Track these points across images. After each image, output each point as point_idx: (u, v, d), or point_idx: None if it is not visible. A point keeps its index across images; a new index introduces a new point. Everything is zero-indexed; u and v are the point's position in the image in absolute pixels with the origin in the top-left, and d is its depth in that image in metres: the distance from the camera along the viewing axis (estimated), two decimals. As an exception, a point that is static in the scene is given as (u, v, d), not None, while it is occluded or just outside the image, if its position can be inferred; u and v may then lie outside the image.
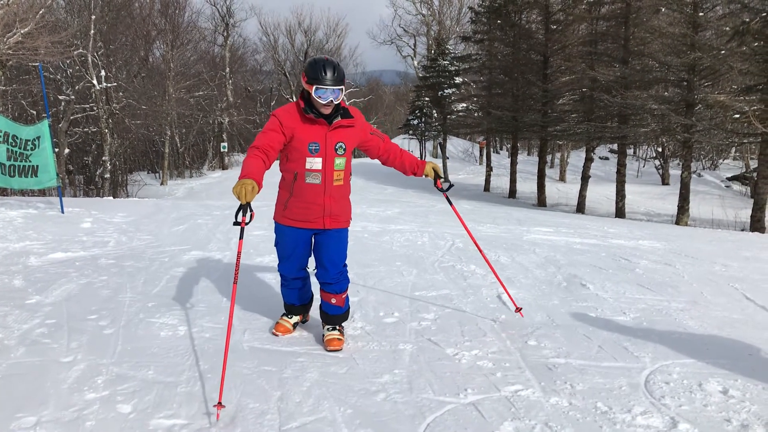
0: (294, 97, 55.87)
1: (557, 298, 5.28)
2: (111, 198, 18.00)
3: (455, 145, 55.14)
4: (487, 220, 12.72)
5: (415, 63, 56.11)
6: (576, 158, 44.43)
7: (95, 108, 26.67)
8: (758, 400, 3.14)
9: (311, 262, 4.11)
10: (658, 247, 8.47)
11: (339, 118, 3.71)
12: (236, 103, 44.35)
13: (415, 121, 39.68)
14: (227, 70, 43.39)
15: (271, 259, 6.91)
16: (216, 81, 40.69)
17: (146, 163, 38.15)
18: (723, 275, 6.42)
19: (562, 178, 41.84)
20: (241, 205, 3.38)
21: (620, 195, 23.12)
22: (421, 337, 4.13)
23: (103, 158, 26.55)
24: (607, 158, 44.10)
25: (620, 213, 22.81)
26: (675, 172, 32.06)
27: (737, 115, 17.47)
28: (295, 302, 4.26)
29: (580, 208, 24.86)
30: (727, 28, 18.08)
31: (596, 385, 3.34)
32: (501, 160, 45.91)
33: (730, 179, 40.10)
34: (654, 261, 7.14)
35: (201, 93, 37.59)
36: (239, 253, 3.58)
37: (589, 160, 25.43)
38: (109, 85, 27.19)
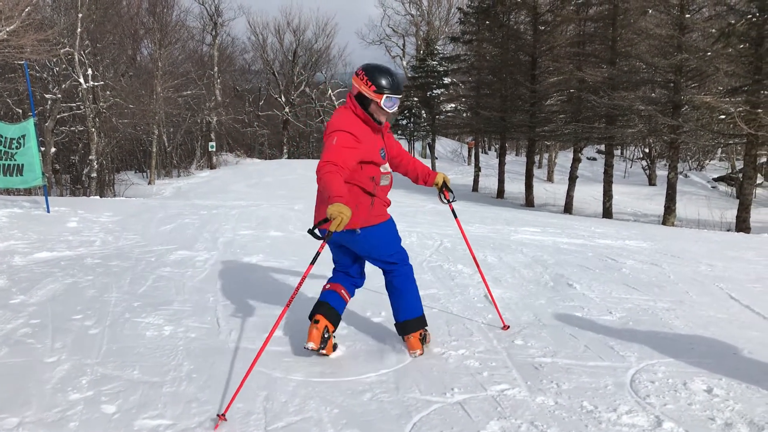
0: (282, 97, 55.81)
1: (544, 297, 5.30)
2: (98, 197, 17.89)
3: (444, 145, 55.24)
4: (475, 220, 12.74)
5: (404, 63, 56.15)
6: (564, 159, 44.66)
7: (82, 107, 26.48)
8: (742, 399, 3.16)
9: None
10: (644, 247, 8.52)
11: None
12: (225, 102, 44.19)
13: (404, 121, 39.71)
14: (215, 69, 43.23)
15: (260, 258, 6.89)
16: (204, 80, 40.55)
17: (134, 163, 37.93)
18: (708, 275, 6.46)
19: (549, 179, 42.04)
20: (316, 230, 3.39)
21: (607, 195, 23.25)
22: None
23: (90, 157, 26.37)
24: (594, 159, 44.34)
25: (607, 213, 22.94)
26: (662, 172, 32.27)
27: (723, 117, 17.63)
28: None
29: (568, 208, 24.98)
30: (714, 30, 18.23)
31: (582, 384, 3.35)
32: (489, 160, 46.06)
33: (716, 180, 40.40)
34: (640, 261, 7.18)
35: (189, 92, 37.43)
36: (305, 276, 3.36)
37: (576, 160, 25.57)
38: (96, 83, 27.01)
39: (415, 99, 37.73)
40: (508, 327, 4.34)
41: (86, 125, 26.58)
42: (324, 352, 3.71)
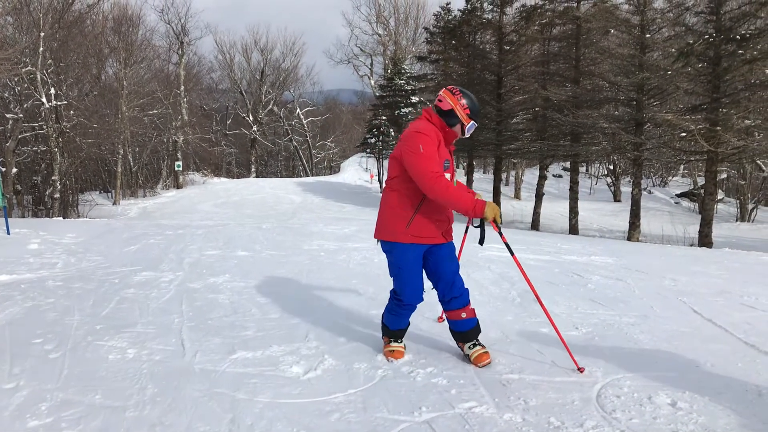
0: (250, 116, 55.64)
1: (511, 314, 5.32)
2: (61, 218, 17.54)
3: (413, 163, 55.44)
4: (443, 237, 12.78)
5: (372, 82, 56.54)
6: (530, 176, 45.18)
7: (44, 126, 26.02)
8: (705, 412, 3.20)
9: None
10: (610, 263, 8.64)
11: None
12: (191, 121, 43.83)
13: (373, 140, 39.83)
14: (182, 88, 42.91)
15: (226, 278, 6.82)
16: (170, 99, 40.16)
17: (98, 183, 37.31)
18: (672, 289, 6.57)
19: (517, 196, 42.50)
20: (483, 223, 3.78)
21: (573, 212, 23.56)
22: (377, 356, 4.10)
23: (53, 178, 25.86)
24: (560, 176, 45.00)
25: (574, 229, 23.23)
26: (626, 189, 32.87)
27: (684, 134, 18.03)
28: (406, 325, 4.13)
29: (535, 225, 25.24)
30: (673, 50, 18.72)
31: (549, 400, 3.36)
32: (457, 178, 46.30)
33: (679, 196, 41.26)
34: (606, 276, 7.28)
35: (155, 111, 37.03)
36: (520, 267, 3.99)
37: (542, 177, 25.89)
38: (59, 103, 26.58)
39: (383, 117, 37.92)
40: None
41: (49, 145, 26.11)
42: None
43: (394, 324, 4.07)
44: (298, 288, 6.36)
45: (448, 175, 3.82)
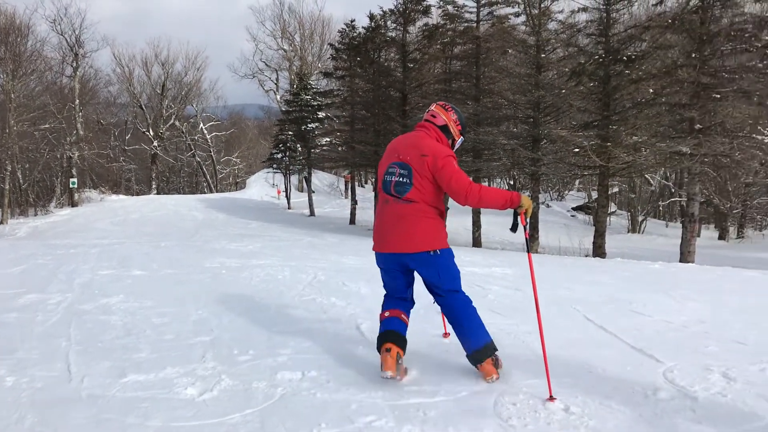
0: (151, 130, 53.97)
1: (414, 324, 5.33)
2: (-62, 239, 16.27)
3: (321, 179, 55.40)
4: (351, 252, 12.79)
5: (278, 97, 56.05)
6: (436, 191, 45.89)
7: None
8: (596, 415, 3.31)
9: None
10: (509, 273, 8.89)
11: None
12: (87, 136, 41.93)
13: (279, 155, 39.41)
14: (77, 101, 41.02)
15: (119, 299, 6.50)
16: (64, 113, 38.28)
17: (-17, 201, 34.97)
18: (567, 298, 6.81)
19: (423, 211, 43.04)
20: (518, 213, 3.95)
21: (476, 225, 24.15)
22: (277, 374, 4.00)
23: (-69, 196, 24.04)
24: (464, 191, 46.06)
25: (477, 242, 23.81)
26: (526, 203, 34.08)
27: (577, 150, 18.88)
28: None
29: (441, 238, 25.64)
30: (567, 69, 19.63)
31: (448, 410, 3.39)
32: (366, 193, 46.62)
33: (574, 209, 43.20)
34: (505, 286, 7.47)
35: (47, 126, 35.19)
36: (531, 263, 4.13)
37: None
38: (-62, 115, 24.79)
39: (290, 133, 37.63)
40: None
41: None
42: (399, 378, 3.80)
43: (486, 333, 4.00)
44: (197, 307, 6.14)
45: None
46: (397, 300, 4.14)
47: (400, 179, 3.85)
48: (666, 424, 3.21)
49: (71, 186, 38.61)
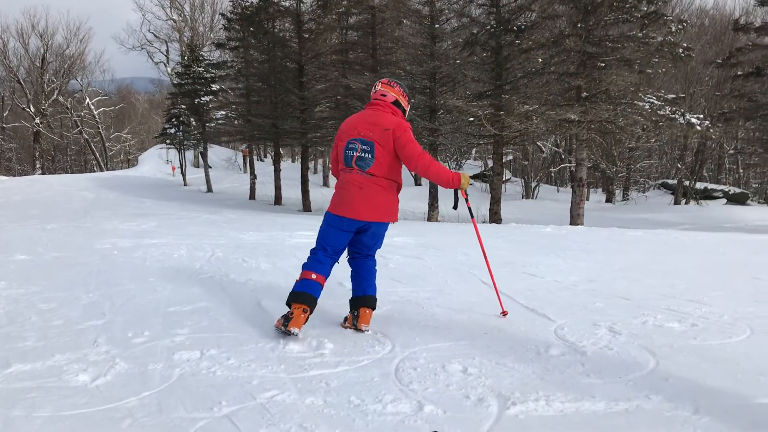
0: (32, 107, 50.65)
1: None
2: None
3: (217, 153, 53.97)
4: (251, 228, 12.59)
5: (169, 70, 53.80)
6: (337, 163, 45.82)
7: None
8: (492, 375, 3.44)
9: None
10: (410, 242, 9.04)
11: None
12: (-42, 113, 38.76)
13: (173, 130, 38.02)
14: (-57, 76, 37.78)
15: (0, 287, 6.09)
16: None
17: None
18: (464, 263, 7.01)
19: (325, 184, 43.09)
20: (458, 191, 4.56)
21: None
22: (174, 355, 3.89)
23: None
24: (365, 162, 46.27)
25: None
26: (426, 172, 34.65)
27: (472, 119, 19.33)
28: None
29: (343, 210, 25.65)
30: (460, 40, 19.96)
31: (350, 379, 3.41)
32: (266, 167, 45.88)
33: (472, 177, 44.30)
34: (405, 255, 7.59)
35: None
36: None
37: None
38: None
39: (183, 106, 36.32)
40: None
41: None
42: (297, 331, 4.09)
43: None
44: (87, 290, 5.86)
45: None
46: (331, 257, 4.41)
47: (362, 154, 4.26)
48: (557, 378, 3.38)
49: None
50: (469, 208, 4.90)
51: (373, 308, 4.42)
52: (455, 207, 4.70)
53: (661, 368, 3.50)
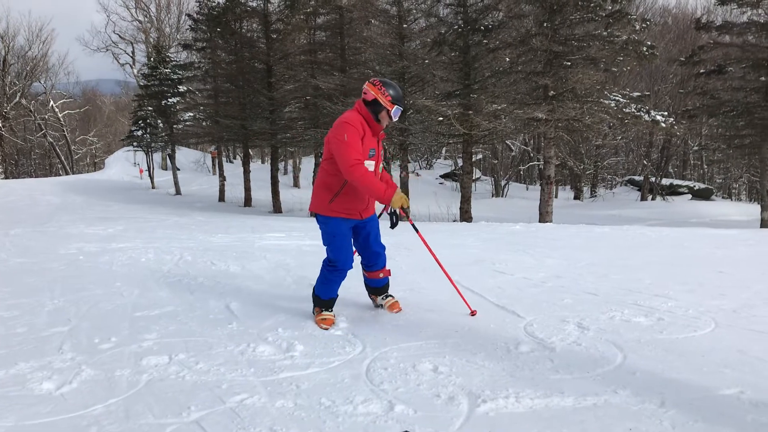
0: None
1: (285, 300, 5.32)
2: None
3: (186, 155, 53.34)
4: (220, 230, 12.47)
5: (135, 71, 53.05)
6: (309, 164, 45.77)
7: None
8: (462, 373, 3.45)
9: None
10: (380, 242, 9.01)
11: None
12: None
13: (140, 132, 37.45)
14: None
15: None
16: None
17: None
18: (435, 263, 7.01)
19: (296, 185, 42.90)
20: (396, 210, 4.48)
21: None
22: (142, 360, 3.83)
23: None
24: (336, 163, 46.19)
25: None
26: (397, 172, 34.71)
27: (441, 119, 19.39)
28: (336, 295, 4.61)
29: (314, 211, 25.55)
30: (429, 40, 20.02)
31: (321, 381, 3.40)
32: (235, 169, 45.50)
33: (443, 176, 44.54)
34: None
35: None
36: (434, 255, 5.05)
37: (318, 165, 26.27)
38: None
39: (150, 108, 35.83)
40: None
41: None
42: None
43: (326, 293, 4.55)
44: (52, 297, 5.74)
45: (372, 163, 4.34)
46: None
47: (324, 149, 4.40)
48: (526, 375, 3.41)
49: None
50: (413, 225, 4.96)
51: (316, 305, 4.61)
52: (392, 226, 4.67)
53: (629, 362, 3.55)
